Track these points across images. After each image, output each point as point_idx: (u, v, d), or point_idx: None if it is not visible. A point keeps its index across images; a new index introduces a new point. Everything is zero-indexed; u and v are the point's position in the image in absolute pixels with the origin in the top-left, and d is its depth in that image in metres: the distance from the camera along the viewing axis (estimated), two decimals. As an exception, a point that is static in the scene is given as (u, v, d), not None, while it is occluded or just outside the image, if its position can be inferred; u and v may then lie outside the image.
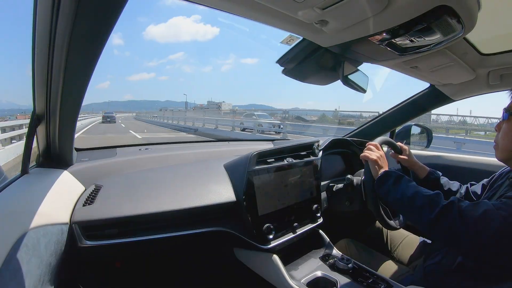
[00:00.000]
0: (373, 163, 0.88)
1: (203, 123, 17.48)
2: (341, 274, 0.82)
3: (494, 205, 0.63)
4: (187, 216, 0.80)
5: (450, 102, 1.29)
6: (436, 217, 0.66)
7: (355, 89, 0.97)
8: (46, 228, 0.60)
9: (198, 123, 18.08)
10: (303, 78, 1.00)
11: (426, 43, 0.70)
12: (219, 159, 1.04)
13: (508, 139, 0.72)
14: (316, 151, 1.08)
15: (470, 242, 0.63)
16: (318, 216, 1.01)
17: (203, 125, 16.72)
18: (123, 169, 0.98)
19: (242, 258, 0.93)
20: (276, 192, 0.91)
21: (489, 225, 0.61)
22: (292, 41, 0.82)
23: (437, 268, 0.79)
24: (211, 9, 0.59)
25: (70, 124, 0.71)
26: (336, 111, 10.94)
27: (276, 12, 0.58)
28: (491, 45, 0.91)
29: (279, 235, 0.88)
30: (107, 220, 0.72)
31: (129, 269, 0.98)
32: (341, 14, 0.59)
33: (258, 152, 0.88)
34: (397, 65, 0.96)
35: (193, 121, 19.10)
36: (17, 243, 0.51)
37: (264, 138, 6.56)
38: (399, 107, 1.41)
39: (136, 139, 11.22)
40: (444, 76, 1.08)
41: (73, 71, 0.54)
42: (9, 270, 0.46)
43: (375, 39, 0.69)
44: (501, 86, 1.08)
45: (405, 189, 0.76)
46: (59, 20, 0.44)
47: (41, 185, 0.72)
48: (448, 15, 0.56)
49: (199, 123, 17.93)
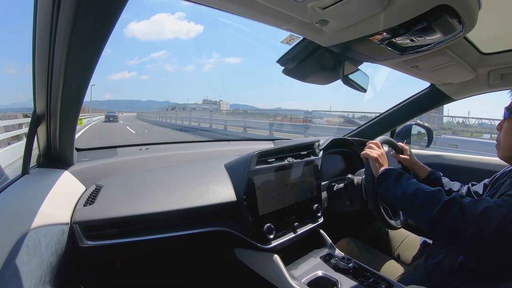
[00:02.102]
0: (373, 161, 0.88)
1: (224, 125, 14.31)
2: (342, 274, 0.82)
3: (496, 202, 0.63)
4: (187, 216, 0.80)
5: (450, 101, 1.29)
6: (438, 213, 0.66)
7: (355, 89, 0.97)
8: (47, 228, 0.60)
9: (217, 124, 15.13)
10: (303, 77, 1.00)
11: (427, 43, 0.70)
12: (220, 159, 1.04)
13: (509, 138, 0.72)
14: (316, 150, 1.08)
15: (471, 238, 0.63)
16: (318, 216, 1.01)
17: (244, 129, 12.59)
18: (124, 169, 0.98)
19: (242, 258, 0.93)
20: (277, 192, 0.91)
21: (490, 222, 0.61)
22: (292, 41, 0.82)
23: (438, 268, 0.79)
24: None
25: (70, 124, 0.71)
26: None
27: (276, 12, 0.57)
28: (492, 45, 0.91)
29: (279, 234, 0.88)
30: (108, 220, 0.72)
31: (129, 269, 0.98)
32: (342, 14, 0.59)
33: (259, 152, 0.88)
34: (398, 64, 0.96)
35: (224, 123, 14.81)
36: (18, 243, 0.51)
37: (265, 137, 6.58)
38: (400, 106, 1.41)
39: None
40: (445, 75, 1.08)
41: (74, 71, 0.54)
42: (10, 270, 0.46)
43: (375, 38, 0.69)
44: (501, 85, 1.08)
45: (406, 186, 0.76)
46: (60, 19, 0.44)
47: (41, 185, 0.72)
48: (449, 14, 0.56)
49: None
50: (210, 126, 15.60)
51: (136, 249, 0.79)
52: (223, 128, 14.41)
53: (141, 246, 0.76)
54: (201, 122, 17.73)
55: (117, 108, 78.72)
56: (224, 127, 14.50)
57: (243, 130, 12.63)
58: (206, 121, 16.75)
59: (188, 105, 69.95)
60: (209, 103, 74.19)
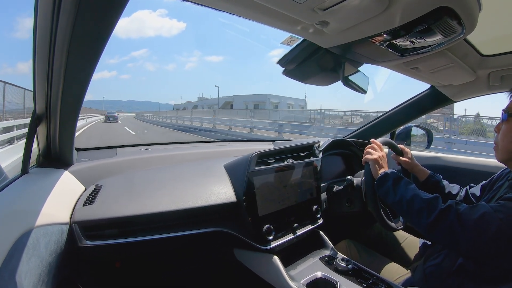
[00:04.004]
0: (373, 162, 0.88)
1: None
2: (341, 275, 0.82)
3: (492, 207, 0.64)
4: (187, 217, 0.80)
5: (450, 103, 1.29)
6: (434, 220, 0.67)
7: (355, 90, 0.97)
8: (46, 228, 0.60)
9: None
10: (303, 79, 1.00)
11: (427, 44, 0.70)
12: (219, 160, 1.04)
13: (507, 140, 0.72)
14: (316, 152, 1.08)
15: (469, 245, 0.63)
16: (318, 217, 1.01)
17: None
18: (123, 169, 0.98)
19: (242, 259, 0.93)
20: (276, 193, 0.91)
21: (487, 228, 0.61)
22: (292, 42, 0.82)
23: (437, 269, 0.79)
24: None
25: (70, 124, 0.71)
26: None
27: (276, 13, 0.58)
28: (492, 46, 0.91)
29: (279, 236, 0.88)
30: (107, 220, 0.71)
31: (128, 269, 0.98)
32: (342, 15, 0.59)
33: (259, 153, 0.88)
34: (398, 66, 0.96)
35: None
36: (17, 242, 0.51)
37: (264, 138, 6.55)
38: (400, 108, 1.41)
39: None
40: (445, 77, 1.08)
41: (74, 71, 0.54)
42: (8, 270, 0.46)
43: (375, 40, 0.69)
44: (501, 87, 1.08)
45: (403, 191, 0.76)
46: (60, 20, 0.44)
47: (41, 185, 0.72)
48: (449, 16, 0.56)
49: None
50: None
51: (136, 249, 0.79)
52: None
53: (141, 246, 0.76)
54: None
55: (99, 108, 74.77)
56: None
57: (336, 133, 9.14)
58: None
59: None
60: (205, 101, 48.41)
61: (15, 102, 8.11)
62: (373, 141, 0.95)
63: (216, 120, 16.16)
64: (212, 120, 16.45)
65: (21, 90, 8.20)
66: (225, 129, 14.18)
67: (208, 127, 15.75)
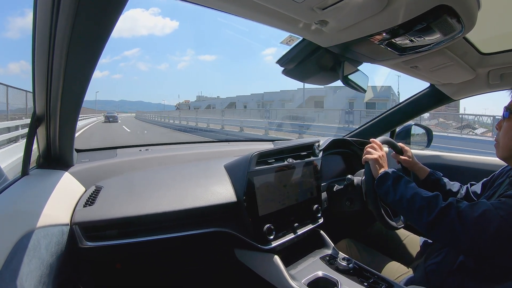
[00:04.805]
0: (373, 162, 0.88)
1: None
2: (342, 274, 0.82)
3: (493, 204, 0.63)
4: (187, 217, 0.80)
5: (450, 101, 1.29)
6: (435, 219, 0.67)
7: (355, 89, 0.97)
8: (46, 229, 0.60)
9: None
10: (303, 78, 1.00)
11: (426, 43, 0.70)
12: (220, 160, 1.04)
13: (508, 138, 0.72)
14: (316, 151, 1.08)
15: (470, 243, 0.63)
16: (318, 216, 1.01)
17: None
18: (124, 170, 0.98)
19: (242, 259, 0.93)
20: (277, 193, 0.91)
21: (488, 226, 0.61)
22: (292, 41, 0.82)
23: (438, 268, 0.79)
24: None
25: (70, 125, 0.71)
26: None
27: (275, 12, 0.57)
28: (491, 45, 0.91)
29: (279, 235, 0.88)
30: (108, 221, 0.71)
31: (129, 270, 0.98)
32: (341, 14, 0.59)
33: (259, 153, 0.87)
34: (397, 65, 0.96)
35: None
36: (17, 244, 0.50)
37: (264, 138, 6.56)
38: (399, 107, 1.41)
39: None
40: (444, 75, 1.08)
41: (73, 71, 0.54)
42: (9, 271, 0.46)
43: (375, 39, 0.69)
44: (501, 85, 1.08)
45: (404, 190, 0.76)
46: (59, 20, 0.44)
47: (41, 186, 0.72)
48: (448, 14, 0.56)
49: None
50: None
51: (136, 250, 0.79)
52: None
53: (141, 247, 0.76)
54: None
55: (92, 108, 71.85)
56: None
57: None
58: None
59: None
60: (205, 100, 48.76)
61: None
62: (373, 141, 0.95)
63: (243, 123, 14.27)
64: (239, 123, 14.50)
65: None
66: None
67: (235, 131, 13.88)
